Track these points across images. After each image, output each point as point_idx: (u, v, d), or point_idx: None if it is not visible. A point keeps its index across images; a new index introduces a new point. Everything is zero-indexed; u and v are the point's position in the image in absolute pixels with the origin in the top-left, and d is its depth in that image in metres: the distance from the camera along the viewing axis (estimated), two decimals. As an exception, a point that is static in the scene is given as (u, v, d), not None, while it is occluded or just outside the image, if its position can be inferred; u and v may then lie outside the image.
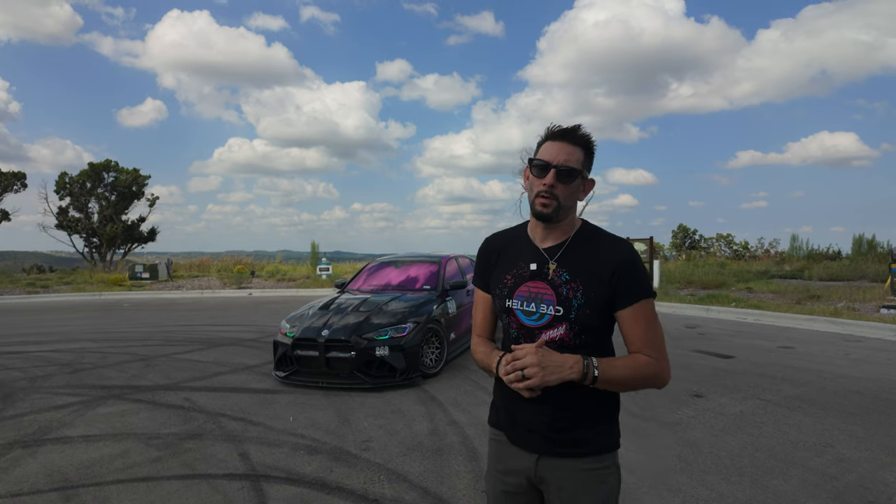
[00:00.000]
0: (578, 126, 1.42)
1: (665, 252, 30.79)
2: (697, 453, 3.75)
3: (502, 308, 1.50)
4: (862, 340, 8.19)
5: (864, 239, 23.59)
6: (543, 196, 1.40)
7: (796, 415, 4.58)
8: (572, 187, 1.41)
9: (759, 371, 6.15)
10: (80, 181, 28.65)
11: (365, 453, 3.81)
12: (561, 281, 1.41)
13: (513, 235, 1.56)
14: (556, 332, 1.40)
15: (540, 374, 1.31)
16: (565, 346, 1.39)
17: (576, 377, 1.32)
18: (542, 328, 1.41)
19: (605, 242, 1.44)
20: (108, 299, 16.86)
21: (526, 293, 1.44)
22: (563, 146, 1.40)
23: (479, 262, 1.63)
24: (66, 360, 7.04)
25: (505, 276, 1.50)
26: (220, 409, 4.88)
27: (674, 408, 4.79)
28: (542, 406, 1.41)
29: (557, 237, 1.46)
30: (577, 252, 1.43)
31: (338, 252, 78.50)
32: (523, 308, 1.44)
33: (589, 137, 1.43)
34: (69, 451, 3.90)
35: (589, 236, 1.46)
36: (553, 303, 1.40)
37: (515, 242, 1.54)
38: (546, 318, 1.40)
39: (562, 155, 1.39)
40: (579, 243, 1.44)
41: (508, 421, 1.52)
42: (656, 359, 1.38)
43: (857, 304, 11.23)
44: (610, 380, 1.35)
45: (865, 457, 3.68)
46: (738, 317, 10.83)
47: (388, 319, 5.84)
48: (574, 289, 1.39)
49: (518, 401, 1.44)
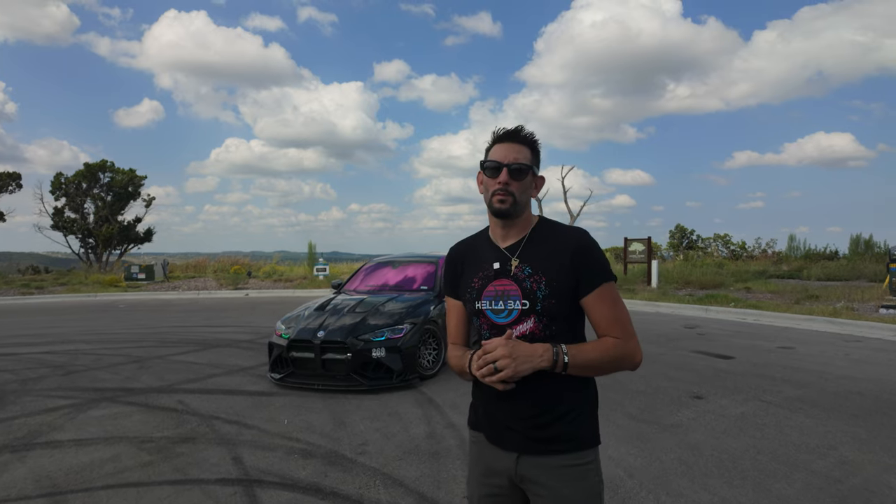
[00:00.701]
0: (521, 127, 1.51)
1: (663, 252, 30.80)
2: (699, 456, 3.69)
3: (473, 311, 1.53)
4: (862, 340, 8.16)
5: (862, 239, 23.63)
6: (499, 193, 1.46)
7: (798, 416, 4.53)
8: (525, 183, 1.48)
9: (759, 372, 6.10)
10: (75, 181, 28.52)
11: (360, 457, 3.75)
12: (524, 275, 1.45)
13: (475, 241, 1.62)
14: (526, 326, 1.43)
15: (512, 365, 1.32)
16: (536, 339, 1.42)
17: (547, 364, 1.35)
18: (512, 324, 1.44)
19: (561, 231, 1.50)
20: (103, 300, 16.75)
21: (493, 292, 1.48)
22: (511, 146, 1.48)
23: (446, 272, 1.67)
24: (59, 362, 6.95)
25: (472, 279, 1.54)
26: (213, 411, 4.81)
27: (674, 409, 4.74)
28: (519, 403, 1.43)
29: (516, 235, 1.51)
30: (536, 246, 1.49)
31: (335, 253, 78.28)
32: (492, 307, 1.48)
33: (532, 137, 1.51)
34: (59, 456, 3.82)
35: (546, 230, 1.52)
36: (519, 297, 1.44)
37: (478, 247, 1.59)
38: (514, 314, 1.44)
39: (511, 154, 1.47)
40: (538, 237, 1.50)
41: (487, 421, 1.53)
42: (624, 339, 1.41)
43: (855, 303, 11.20)
44: (581, 364, 1.37)
45: (869, 459, 3.63)
46: (738, 317, 10.80)
47: (385, 320, 5.77)
48: (537, 281, 1.43)
49: (495, 399, 1.47)
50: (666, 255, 30.53)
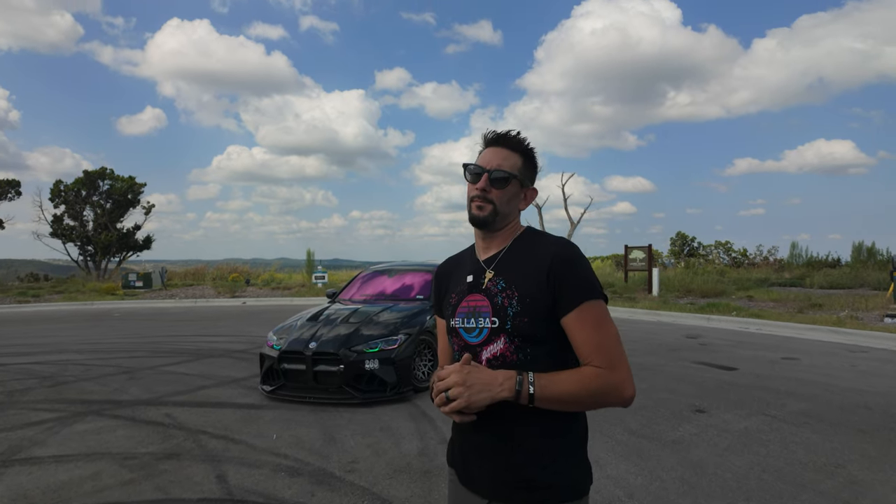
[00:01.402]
0: (514, 131, 1.36)
1: (664, 259, 30.64)
2: (701, 475, 3.54)
3: (448, 329, 1.39)
4: (868, 351, 8.00)
5: (864, 246, 23.50)
6: (477, 200, 1.32)
7: (804, 432, 4.37)
8: (508, 192, 1.32)
9: (763, 384, 5.94)
10: (74, 189, 28.47)
11: (349, 475, 3.60)
12: (497, 290, 1.28)
13: (462, 256, 1.49)
14: (496, 347, 1.25)
15: (465, 394, 1.15)
16: (508, 363, 1.23)
17: (507, 395, 1.15)
18: (482, 344, 1.28)
19: (542, 243, 1.31)
20: (99, 308, 16.63)
21: (466, 309, 1.33)
22: (499, 151, 1.34)
23: (434, 290, 1.54)
24: (48, 373, 6.82)
25: (451, 295, 1.40)
26: (201, 425, 4.67)
27: (675, 424, 4.59)
28: (488, 441, 1.25)
29: (497, 247, 1.36)
30: (514, 258, 1.32)
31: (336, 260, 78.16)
32: (464, 325, 1.32)
33: (525, 143, 1.36)
34: (38, 473, 3.68)
35: (529, 240, 1.35)
36: (489, 314, 1.27)
37: (462, 261, 1.45)
38: (485, 333, 1.28)
39: (496, 160, 1.33)
40: (518, 249, 1.33)
41: (460, 459, 1.35)
42: (608, 369, 1.17)
43: (859, 312, 11.04)
44: (552, 397, 1.16)
45: (879, 479, 3.47)
46: (740, 326, 10.64)
47: (379, 331, 5.64)
48: (509, 296, 1.26)
49: (467, 436, 1.31)
50: (667, 262, 30.38)
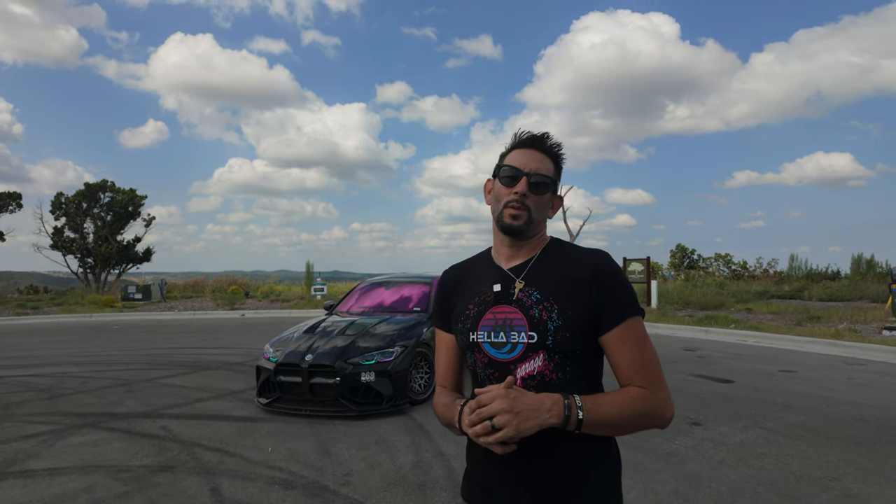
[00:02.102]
0: (548, 134, 1.27)
1: (664, 272, 30.63)
2: (696, 488, 3.54)
3: (466, 344, 1.26)
4: (865, 364, 7.98)
5: (863, 259, 23.51)
6: (514, 206, 1.21)
7: (800, 444, 4.37)
8: (544, 199, 1.25)
9: (760, 397, 5.93)
10: (75, 201, 28.59)
11: (343, 488, 3.60)
12: (531, 301, 1.19)
13: (474, 262, 1.37)
14: (534, 365, 1.15)
15: (514, 423, 1.03)
16: (547, 383, 1.15)
17: (556, 421, 1.06)
18: (516, 361, 1.17)
19: (578, 253, 1.24)
20: (98, 321, 16.61)
21: (492, 322, 1.21)
22: (534, 154, 1.25)
23: (436, 299, 1.40)
24: (45, 386, 6.81)
25: (467, 306, 1.28)
26: (196, 438, 4.66)
27: (671, 437, 4.58)
28: (523, 472, 1.16)
29: (524, 255, 1.26)
30: (546, 268, 1.23)
31: (336, 272, 78.15)
32: (491, 340, 1.20)
33: (559, 148, 1.28)
34: (31, 486, 3.68)
35: (560, 250, 1.27)
36: (525, 328, 1.17)
37: (476, 269, 1.34)
38: (519, 349, 1.17)
39: (533, 163, 1.23)
40: (549, 258, 1.25)
41: (482, 493, 1.25)
42: (651, 390, 1.12)
43: (858, 325, 11.03)
44: (599, 421, 1.09)
45: (874, 492, 3.47)
46: (738, 339, 10.62)
47: (376, 343, 5.65)
48: (547, 309, 1.17)
49: (493, 468, 1.20)
50: (667, 274, 30.37)
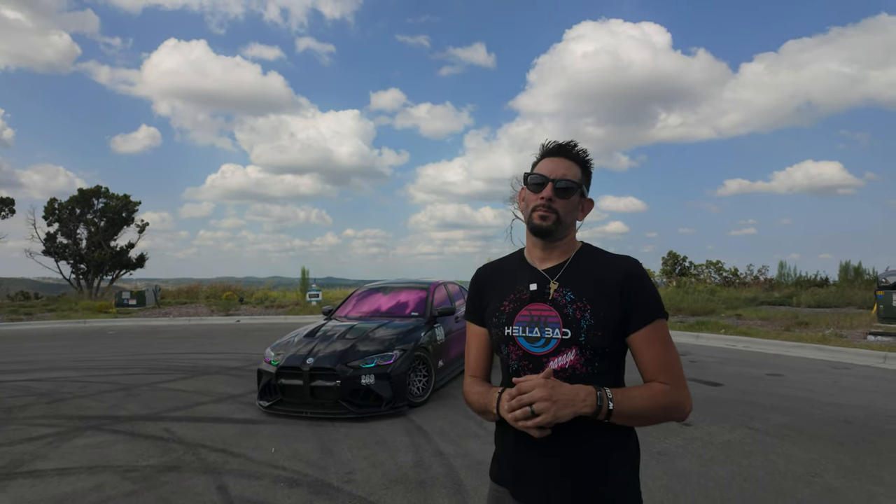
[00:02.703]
0: (574, 142, 1.38)
1: (656, 279, 30.93)
2: (685, 484, 3.70)
3: (501, 338, 1.36)
4: (850, 368, 8.20)
5: (851, 266, 23.91)
6: (541, 209, 1.33)
7: (785, 444, 4.54)
8: (571, 202, 1.35)
9: (747, 399, 6.12)
10: (69, 207, 28.50)
11: (346, 486, 3.72)
12: (566, 301, 1.29)
13: (507, 262, 1.47)
14: (566, 359, 1.26)
15: (552, 409, 1.15)
16: (577, 376, 1.26)
17: (589, 411, 1.18)
18: (549, 355, 1.27)
19: (609, 259, 1.35)
20: (92, 326, 16.59)
21: (528, 317, 1.32)
22: (561, 161, 1.36)
23: (471, 294, 1.51)
24: (45, 390, 6.87)
25: (502, 303, 1.38)
26: (200, 440, 4.76)
27: (662, 437, 4.74)
28: (553, 457, 1.27)
29: (557, 258, 1.37)
30: (580, 270, 1.33)
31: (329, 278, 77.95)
32: (526, 334, 1.31)
33: (586, 154, 1.39)
34: (41, 486, 3.77)
35: (592, 254, 1.38)
36: (559, 325, 1.27)
37: (510, 269, 1.44)
38: (553, 343, 1.27)
39: (559, 169, 1.35)
40: (581, 261, 1.35)
41: (513, 475, 1.35)
42: (674, 386, 1.24)
43: (844, 330, 11.28)
44: (627, 413, 1.20)
45: (853, 487, 3.64)
46: (728, 344, 10.84)
47: (375, 347, 5.78)
48: (581, 308, 1.27)
49: (525, 451, 1.31)
50: (659, 281, 30.67)
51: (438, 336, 6.55)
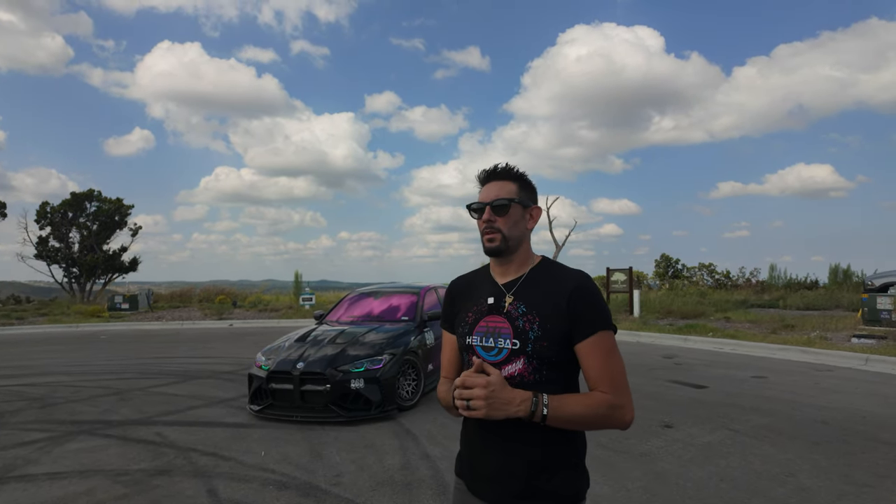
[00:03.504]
0: (500, 164, 1.50)
1: (648, 281, 31.12)
2: (663, 484, 3.81)
3: (463, 346, 1.49)
4: (833, 370, 8.36)
5: (840, 268, 24.16)
6: (487, 232, 1.45)
7: (763, 444, 4.67)
8: (511, 217, 1.45)
9: (730, 401, 6.25)
10: (61, 210, 28.40)
11: (334, 488, 3.81)
12: (518, 314, 1.40)
13: (475, 276, 1.60)
14: (515, 367, 1.37)
15: (483, 408, 1.27)
16: (525, 383, 1.35)
17: (523, 414, 1.28)
18: (501, 363, 1.38)
19: (562, 273, 1.45)
20: (85, 331, 16.56)
21: (484, 328, 1.44)
22: (493, 185, 1.48)
23: (444, 304, 1.65)
24: (38, 395, 6.91)
25: (467, 314, 1.51)
26: (191, 443, 4.84)
27: (644, 439, 4.86)
28: (499, 454, 1.39)
29: (515, 272, 1.48)
30: (533, 285, 1.44)
31: (323, 281, 77.91)
32: (482, 344, 1.43)
33: (515, 170, 1.49)
34: (32, 490, 3.84)
35: (546, 270, 1.47)
36: (510, 336, 1.38)
37: (477, 282, 1.56)
38: (504, 353, 1.38)
39: (492, 193, 1.46)
40: (537, 276, 1.46)
41: (469, 469, 1.48)
42: (614, 395, 1.32)
43: (830, 333, 11.46)
44: (563, 418, 1.29)
45: (825, 486, 3.77)
46: (715, 346, 10.99)
47: (365, 351, 5.86)
48: (530, 321, 1.37)
49: (478, 447, 1.44)
50: (652, 284, 30.86)
51: (428, 340, 6.65)
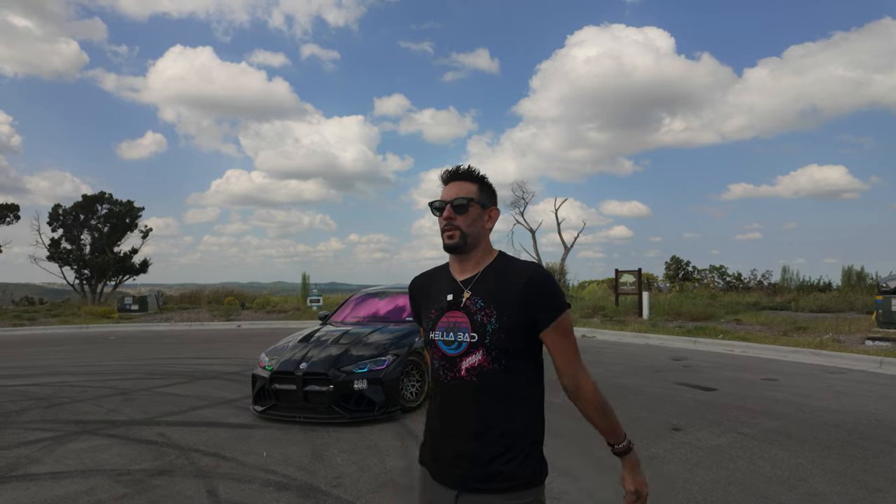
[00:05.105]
0: (461, 165, 1.57)
1: (658, 283, 30.90)
2: (670, 488, 3.73)
3: (427, 341, 1.55)
4: (846, 372, 8.20)
5: (854, 270, 23.81)
6: (447, 229, 1.50)
7: (772, 448, 4.56)
8: (470, 216, 1.50)
9: (739, 404, 6.13)
10: (73, 213, 28.74)
11: (335, 490, 3.77)
12: (476, 308, 1.46)
13: (436, 273, 1.65)
14: (475, 359, 1.44)
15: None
16: (485, 372, 1.43)
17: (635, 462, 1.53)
18: (461, 356, 1.45)
19: (516, 266, 1.51)
20: (94, 332, 16.70)
21: (445, 323, 1.50)
22: (454, 185, 1.54)
23: (411, 303, 1.71)
24: (44, 395, 6.95)
25: (430, 310, 1.57)
26: (193, 444, 4.82)
27: (652, 441, 4.77)
28: (460, 441, 1.45)
29: (473, 268, 1.53)
30: (489, 280, 1.50)
31: (332, 283, 78.15)
32: (444, 338, 1.49)
33: (476, 172, 1.56)
34: (34, 489, 3.83)
35: (502, 264, 1.53)
36: (468, 330, 1.45)
37: (438, 279, 1.61)
38: (464, 346, 1.45)
39: (453, 192, 1.52)
40: (492, 272, 1.51)
41: (431, 456, 1.54)
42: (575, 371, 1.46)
43: (843, 335, 11.26)
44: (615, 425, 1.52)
45: (837, 491, 3.66)
46: (726, 349, 10.83)
47: (369, 352, 5.83)
48: (488, 314, 1.44)
49: (439, 436, 1.50)
50: (662, 286, 30.63)
51: (432, 341, 6.59)
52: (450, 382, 1.48)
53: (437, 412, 1.53)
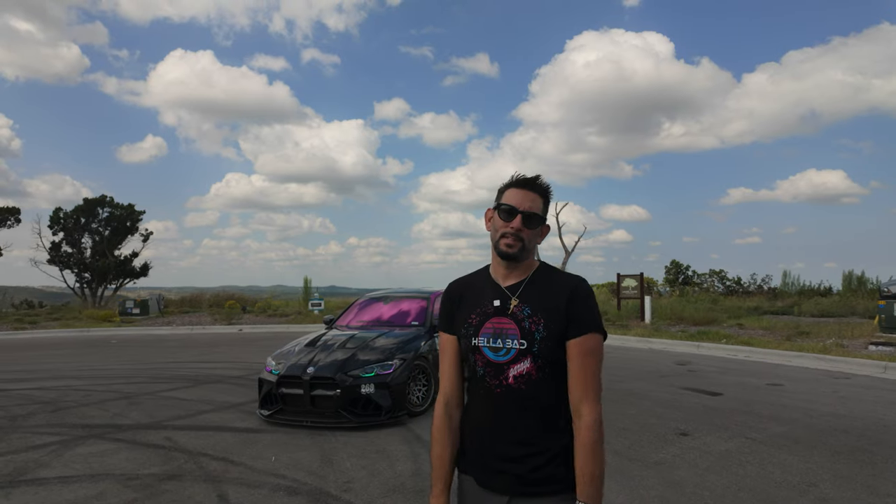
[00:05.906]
0: (539, 177, 1.54)
1: (658, 288, 30.89)
2: (680, 494, 3.72)
3: (469, 347, 1.52)
4: (851, 377, 8.20)
5: (854, 275, 23.82)
6: (509, 237, 1.47)
7: (781, 453, 4.56)
8: (535, 231, 1.51)
9: (746, 409, 6.13)
10: (74, 216, 28.74)
11: (345, 494, 3.76)
12: (523, 315, 1.46)
13: (475, 278, 1.62)
14: (523, 367, 1.43)
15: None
16: (532, 380, 1.43)
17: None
18: (509, 363, 1.45)
19: (561, 277, 1.53)
20: (96, 335, 16.68)
21: (491, 330, 1.48)
22: (528, 193, 1.50)
23: (443, 307, 1.66)
24: (49, 398, 6.94)
25: (470, 316, 1.54)
26: (201, 448, 4.81)
27: (659, 447, 4.77)
28: (509, 446, 1.45)
29: (518, 276, 1.53)
30: (536, 288, 1.50)
31: (332, 287, 78.06)
32: (490, 345, 1.47)
33: (548, 187, 1.54)
34: (44, 494, 3.83)
35: (547, 273, 1.54)
36: (517, 336, 1.44)
37: (478, 284, 1.59)
38: (512, 353, 1.44)
39: (527, 202, 1.49)
40: (538, 280, 1.52)
41: (477, 463, 1.52)
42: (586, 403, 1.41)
43: (846, 340, 11.26)
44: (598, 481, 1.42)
45: (848, 497, 3.66)
46: (729, 353, 10.83)
47: (375, 356, 5.82)
48: (536, 322, 1.44)
49: (486, 442, 1.49)
50: (662, 290, 30.63)
51: (438, 345, 6.59)
52: (497, 390, 1.46)
53: (484, 419, 1.50)
